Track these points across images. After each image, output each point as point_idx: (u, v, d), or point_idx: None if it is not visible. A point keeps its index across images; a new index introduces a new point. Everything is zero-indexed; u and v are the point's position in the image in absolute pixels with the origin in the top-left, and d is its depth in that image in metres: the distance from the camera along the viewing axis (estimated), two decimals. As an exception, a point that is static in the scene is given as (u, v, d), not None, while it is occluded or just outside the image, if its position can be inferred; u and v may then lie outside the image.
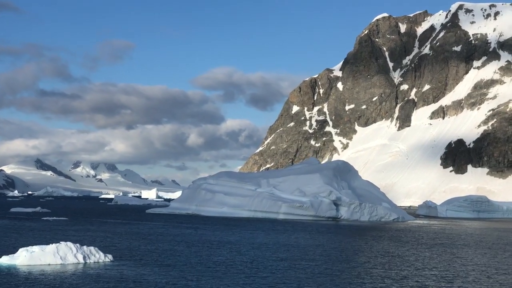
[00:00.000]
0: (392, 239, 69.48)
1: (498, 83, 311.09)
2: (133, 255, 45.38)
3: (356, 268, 41.87)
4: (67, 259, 39.16)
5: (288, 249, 53.69)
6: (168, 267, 39.81)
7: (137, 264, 40.43)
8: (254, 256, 47.51)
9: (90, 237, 61.15)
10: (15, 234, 62.50)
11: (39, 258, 38.47)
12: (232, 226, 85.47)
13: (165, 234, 67.45)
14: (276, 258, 46.23)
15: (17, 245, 49.97)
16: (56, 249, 39.11)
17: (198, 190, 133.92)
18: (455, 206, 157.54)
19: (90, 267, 38.77)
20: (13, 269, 36.85)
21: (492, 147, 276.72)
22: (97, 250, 41.06)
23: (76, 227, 75.83)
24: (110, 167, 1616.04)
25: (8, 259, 39.04)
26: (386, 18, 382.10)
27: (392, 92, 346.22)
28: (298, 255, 49.23)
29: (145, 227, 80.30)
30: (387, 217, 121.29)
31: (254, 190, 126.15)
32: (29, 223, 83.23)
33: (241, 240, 61.36)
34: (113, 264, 39.92)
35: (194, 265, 41.16)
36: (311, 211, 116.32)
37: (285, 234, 72.22)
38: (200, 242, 58.46)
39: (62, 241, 40.87)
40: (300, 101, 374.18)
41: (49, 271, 36.57)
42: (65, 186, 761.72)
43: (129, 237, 61.96)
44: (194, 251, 50.09)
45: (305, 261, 45.24)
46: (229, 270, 39.14)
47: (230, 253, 48.83)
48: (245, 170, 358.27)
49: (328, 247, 56.87)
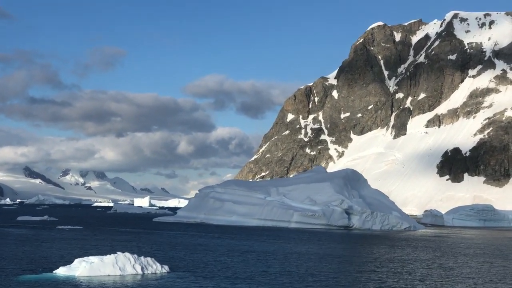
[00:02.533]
0: (428, 250, 68.93)
1: (494, 91, 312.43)
2: (189, 266, 44.44)
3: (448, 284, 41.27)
4: (125, 270, 38.48)
5: (342, 260, 52.72)
6: (235, 279, 39.07)
7: (198, 276, 39.59)
8: (311, 266, 46.87)
9: (124, 247, 60.20)
10: (52, 244, 61.29)
11: (98, 269, 37.76)
12: (255, 236, 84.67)
13: (203, 244, 65.86)
14: (338, 270, 45.60)
15: (66, 255, 49.29)
16: (115, 259, 38.42)
17: (206, 199, 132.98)
18: (462, 215, 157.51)
19: (148, 278, 38.10)
20: (72, 280, 36.15)
21: (489, 156, 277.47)
22: (154, 261, 40.36)
23: (100, 237, 74.81)
24: (99, 175, 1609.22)
25: (65, 270, 38.31)
26: (381, 27, 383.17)
27: (388, 100, 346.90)
28: (358, 266, 48.66)
29: (173, 236, 79.32)
30: (398, 226, 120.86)
31: (263, 198, 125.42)
32: (48, 232, 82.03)
33: (280, 250, 60.60)
34: (171, 276, 39.17)
35: (256, 276, 40.48)
36: (323, 220, 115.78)
37: (316, 244, 71.57)
38: (242, 252, 57.47)
39: (119, 252, 40.19)
40: (295, 109, 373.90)
41: (109, 282, 35.90)
42: (55, 194, 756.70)
43: (167, 248, 60.88)
44: (242, 260, 49.28)
45: (377, 273, 44.70)
46: (299, 281, 38.52)
47: (282, 264, 48.14)
48: (239, 178, 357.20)
49: (383, 257, 56.20)
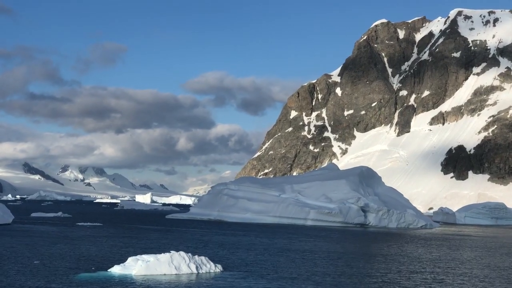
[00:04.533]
0: (464, 249, 68.55)
1: (498, 89, 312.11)
2: (240, 266, 43.95)
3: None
4: (181, 269, 38.06)
5: (386, 259, 52.12)
6: (295, 280, 38.62)
7: (255, 277, 39.01)
8: (360, 266, 46.46)
9: (163, 244, 59.74)
10: (89, 243, 60.65)
11: (155, 268, 37.36)
12: (280, 233, 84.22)
13: (237, 242, 65.23)
14: (390, 270, 45.18)
15: (111, 253, 48.97)
16: (171, 258, 38.00)
17: (220, 196, 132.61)
18: (474, 213, 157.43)
19: (202, 277, 37.65)
20: (130, 279, 35.75)
21: (493, 154, 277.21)
22: (208, 260, 39.93)
23: (129, 234, 74.32)
24: (98, 171, 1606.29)
25: (120, 268, 37.92)
26: (384, 24, 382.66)
27: (391, 98, 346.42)
28: (406, 266, 48.25)
29: (202, 234, 78.83)
30: (415, 224, 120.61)
31: (278, 196, 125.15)
32: (70, 229, 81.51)
33: (318, 248, 60.16)
34: (225, 275, 38.70)
35: (314, 276, 40.07)
36: (339, 217, 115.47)
37: (350, 243, 71.18)
38: (281, 250, 56.97)
39: (173, 250, 39.77)
40: (298, 106, 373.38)
41: (166, 281, 35.48)
42: (54, 190, 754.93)
43: (201, 245, 60.49)
44: (289, 259, 48.80)
45: (432, 273, 44.24)
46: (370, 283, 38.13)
47: (331, 263, 47.73)
48: (242, 175, 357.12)
49: (425, 257, 55.81)
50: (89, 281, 34.72)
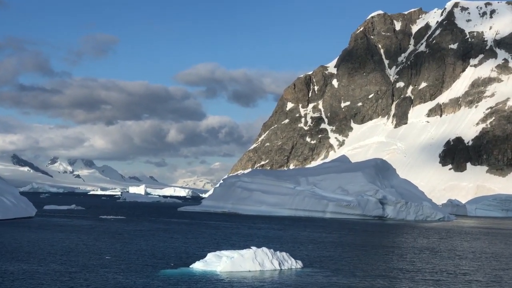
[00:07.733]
0: (502, 243, 68.23)
1: (496, 81, 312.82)
2: (319, 262, 42.92)
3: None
4: (264, 265, 37.15)
5: (455, 255, 51.63)
6: (380, 277, 37.86)
7: (337, 274, 38.14)
8: (437, 263, 45.84)
9: (219, 238, 58.84)
10: (144, 237, 59.61)
11: (239, 264, 36.44)
12: (323, 227, 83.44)
13: (299, 237, 64.29)
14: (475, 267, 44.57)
15: (182, 249, 47.98)
16: (254, 254, 37.12)
17: (233, 188, 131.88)
18: (484, 205, 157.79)
19: (285, 273, 36.76)
20: (216, 275, 34.84)
21: (491, 145, 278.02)
22: (289, 256, 39.04)
23: (168, 228, 73.24)
24: (88, 163, 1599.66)
25: (203, 264, 37.00)
26: (381, 16, 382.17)
27: (388, 89, 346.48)
28: (472, 262, 47.61)
29: (238, 228, 77.95)
30: (433, 216, 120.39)
31: (293, 188, 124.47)
32: (99, 223, 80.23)
33: (379, 243, 59.44)
34: (307, 271, 37.83)
35: (393, 272, 39.40)
36: (357, 210, 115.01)
37: (399, 237, 70.52)
38: (339, 245, 56.23)
39: (254, 246, 38.88)
40: (294, 98, 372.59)
41: (252, 278, 34.59)
42: (45, 183, 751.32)
43: (262, 240, 59.61)
44: (362, 255, 48.09)
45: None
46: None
47: (404, 259, 47.08)
48: (238, 167, 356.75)
49: (485, 251, 55.33)
50: (175, 277, 33.77)
